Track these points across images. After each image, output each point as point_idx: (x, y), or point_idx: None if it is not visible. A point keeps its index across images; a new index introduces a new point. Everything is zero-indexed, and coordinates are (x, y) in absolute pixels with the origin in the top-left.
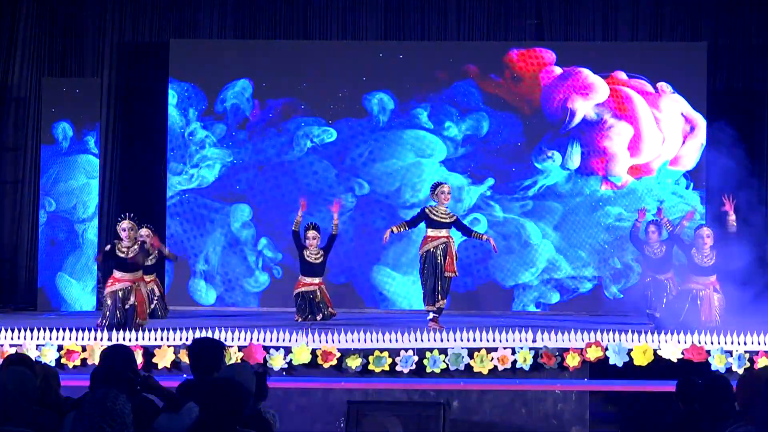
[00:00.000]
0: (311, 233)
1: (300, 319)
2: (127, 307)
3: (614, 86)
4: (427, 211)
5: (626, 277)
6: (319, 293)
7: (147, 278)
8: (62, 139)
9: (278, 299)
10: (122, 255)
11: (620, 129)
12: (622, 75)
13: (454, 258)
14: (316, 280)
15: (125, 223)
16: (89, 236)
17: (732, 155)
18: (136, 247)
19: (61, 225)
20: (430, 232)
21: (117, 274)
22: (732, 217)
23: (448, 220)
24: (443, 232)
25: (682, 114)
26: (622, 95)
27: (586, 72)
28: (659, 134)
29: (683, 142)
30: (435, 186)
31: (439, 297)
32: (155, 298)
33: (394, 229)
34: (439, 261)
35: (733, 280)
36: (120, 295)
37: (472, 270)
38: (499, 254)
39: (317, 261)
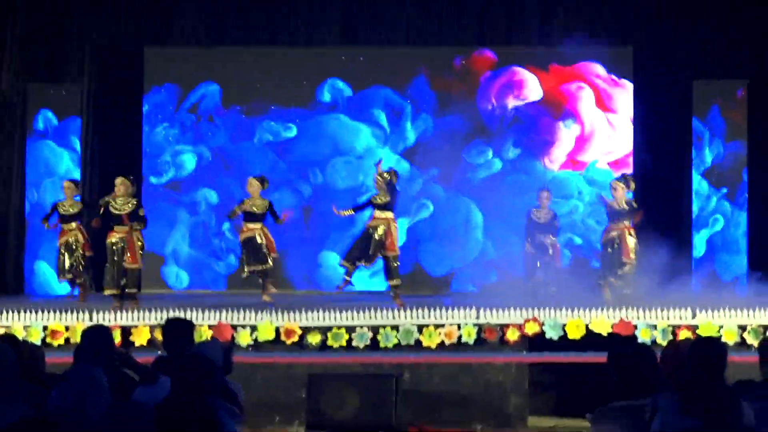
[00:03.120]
0: (252, 180)
1: (246, 272)
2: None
3: (567, 83)
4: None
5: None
6: (263, 236)
7: (68, 227)
8: (45, 127)
9: (246, 281)
10: (116, 212)
11: (565, 125)
12: (579, 68)
13: (395, 238)
14: (257, 225)
15: (118, 180)
16: None
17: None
18: (128, 204)
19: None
20: (375, 213)
21: (115, 227)
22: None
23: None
24: (386, 214)
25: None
26: (570, 92)
27: (521, 71)
28: (610, 133)
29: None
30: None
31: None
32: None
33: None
34: (378, 239)
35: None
36: (118, 246)
37: (413, 252)
38: (442, 236)
39: (259, 211)
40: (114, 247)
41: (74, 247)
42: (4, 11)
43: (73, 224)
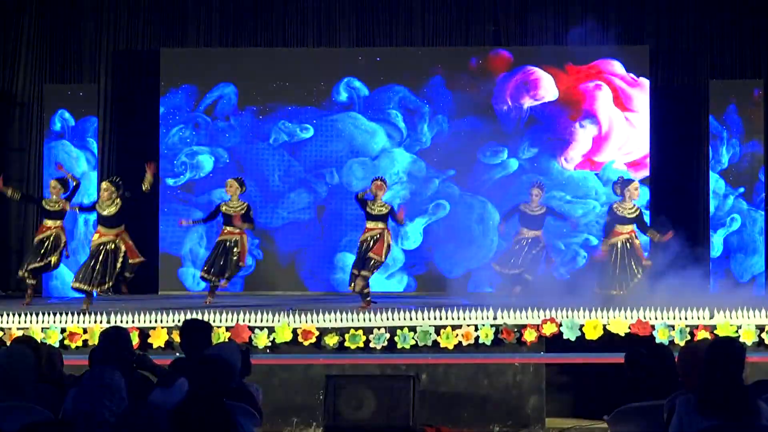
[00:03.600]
0: (231, 181)
1: (205, 275)
2: (119, 259)
3: (584, 83)
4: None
5: (573, 260)
6: (239, 241)
7: (53, 224)
8: (63, 127)
9: (262, 282)
10: (103, 212)
11: (582, 125)
12: (596, 67)
13: (384, 245)
14: (236, 230)
15: (104, 184)
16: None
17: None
18: (113, 206)
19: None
20: (368, 224)
21: (101, 229)
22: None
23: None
24: (379, 225)
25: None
26: (587, 91)
27: (537, 71)
28: (629, 132)
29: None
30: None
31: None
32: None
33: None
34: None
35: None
36: (109, 246)
37: (429, 253)
38: (458, 236)
39: (234, 213)
40: (102, 248)
41: (49, 247)
42: (21, 12)
43: (58, 222)
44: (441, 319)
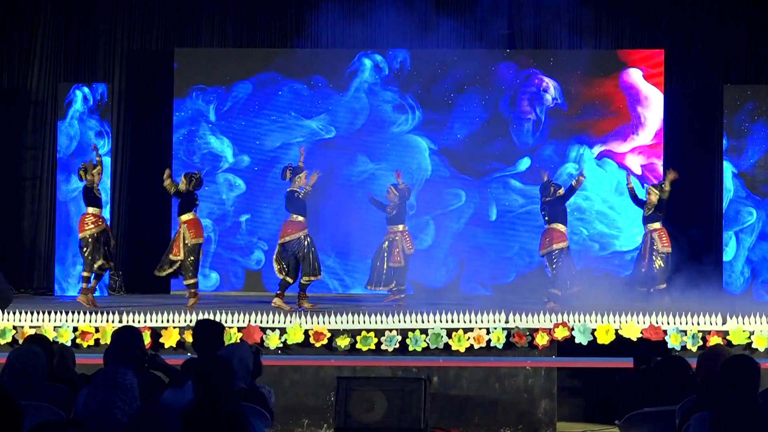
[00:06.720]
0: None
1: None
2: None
3: (598, 86)
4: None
5: None
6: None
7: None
8: (82, 105)
9: (266, 282)
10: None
11: (591, 126)
12: (610, 70)
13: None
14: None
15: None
16: None
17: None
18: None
19: (75, 214)
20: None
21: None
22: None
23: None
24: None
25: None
26: (600, 94)
27: (549, 76)
28: (641, 132)
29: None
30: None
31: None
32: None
33: None
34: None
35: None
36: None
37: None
38: (459, 235)
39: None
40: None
41: (99, 237)
42: (36, 12)
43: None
44: (453, 321)
